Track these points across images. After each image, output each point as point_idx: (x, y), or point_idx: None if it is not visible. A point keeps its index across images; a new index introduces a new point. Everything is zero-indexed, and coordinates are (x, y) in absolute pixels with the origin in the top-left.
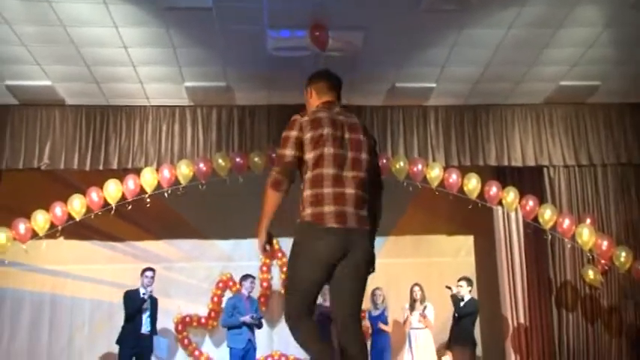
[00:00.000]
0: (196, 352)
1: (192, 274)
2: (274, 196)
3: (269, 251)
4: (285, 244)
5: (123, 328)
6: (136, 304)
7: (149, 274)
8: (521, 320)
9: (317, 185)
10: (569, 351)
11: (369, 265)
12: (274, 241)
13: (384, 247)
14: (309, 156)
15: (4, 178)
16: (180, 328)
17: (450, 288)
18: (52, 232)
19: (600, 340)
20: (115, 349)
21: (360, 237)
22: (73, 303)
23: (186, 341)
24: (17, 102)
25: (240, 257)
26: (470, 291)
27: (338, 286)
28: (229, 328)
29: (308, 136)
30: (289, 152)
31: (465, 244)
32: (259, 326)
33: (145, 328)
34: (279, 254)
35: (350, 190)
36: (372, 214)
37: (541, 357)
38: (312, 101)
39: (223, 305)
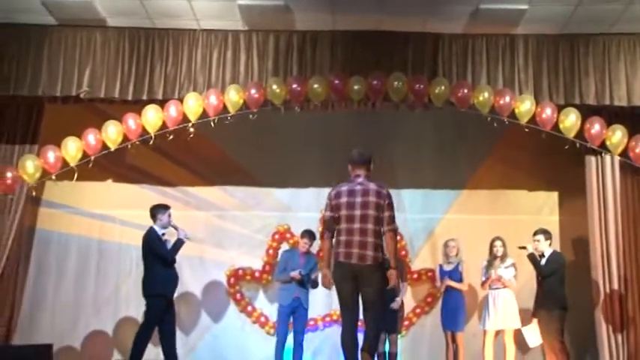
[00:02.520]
0: (249, 308)
1: (246, 224)
2: (322, 242)
3: (329, 285)
4: None
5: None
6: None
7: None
8: (615, 286)
9: (338, 235)
10: None
11: (374, 289)
12: None
13: (456, 203)
14: (336, 216)
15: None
16: (232, 281)
17: (524, 247)
18: (86, 163)
19: None
20: None
21: (364, 269)
22: (120, 249)
23: (238, 296)
24: (55, 21)
25: (299, 207)
26: (550, 244)
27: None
28: (281, 283)
29: (334, 203)
30: (328, 214)
31: (549, 201)
32: (313, 286)
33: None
34: None
35: (356, 238)
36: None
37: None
38: (350, 172)
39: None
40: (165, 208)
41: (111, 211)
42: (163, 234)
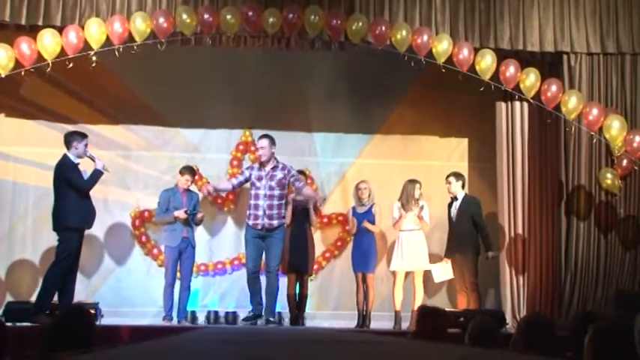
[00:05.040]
0: (155, 251)
1: (152, 164)
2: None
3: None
4: None
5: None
6: None
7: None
8: (519, 231)
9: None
10: (576, 263)
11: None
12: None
13: (368, 147)
14: None
15: None
16: (137, 223)
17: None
18: None
19: (613, 252)
20: None
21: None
22: (15, 189)
23: (143, 238)
24: None
25: (209, 148)
26: (462, 187)
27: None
28: (165, 224)
29: None
30: None
31: (459, 147)
32: (197, 223)
33: None
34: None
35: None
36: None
37: (539, 269)
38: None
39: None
40: (82, 136)
41: (4, 147)
42: (78, 164)
